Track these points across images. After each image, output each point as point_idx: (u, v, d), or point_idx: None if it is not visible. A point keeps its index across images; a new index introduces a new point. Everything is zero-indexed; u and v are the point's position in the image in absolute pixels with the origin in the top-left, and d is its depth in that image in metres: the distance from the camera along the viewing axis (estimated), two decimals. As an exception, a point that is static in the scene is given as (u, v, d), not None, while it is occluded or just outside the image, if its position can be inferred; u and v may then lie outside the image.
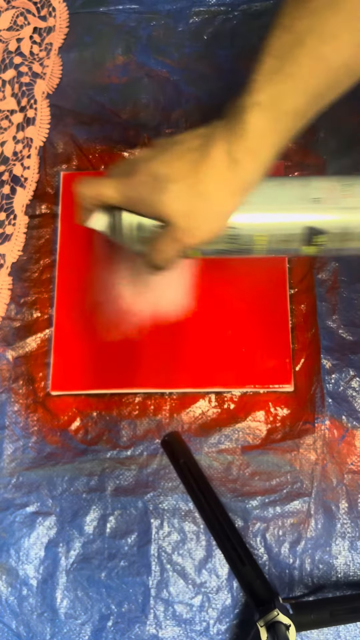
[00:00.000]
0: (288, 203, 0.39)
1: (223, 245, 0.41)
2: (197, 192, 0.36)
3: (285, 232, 0.40)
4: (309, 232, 0.39)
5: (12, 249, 0.59)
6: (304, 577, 0.50)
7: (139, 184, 0.38)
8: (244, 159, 0.35)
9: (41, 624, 0.51)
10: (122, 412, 0.55)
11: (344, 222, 0.39)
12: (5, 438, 0.55)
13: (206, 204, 0.37)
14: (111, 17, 0.64)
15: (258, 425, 0.53)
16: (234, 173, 0.36)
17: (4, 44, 0.65)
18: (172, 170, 0.37)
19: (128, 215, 0.40)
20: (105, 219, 0.42)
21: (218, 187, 0.36)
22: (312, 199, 0.39)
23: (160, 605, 0.50)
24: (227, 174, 0.36)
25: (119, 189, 0.39)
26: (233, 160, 0.35)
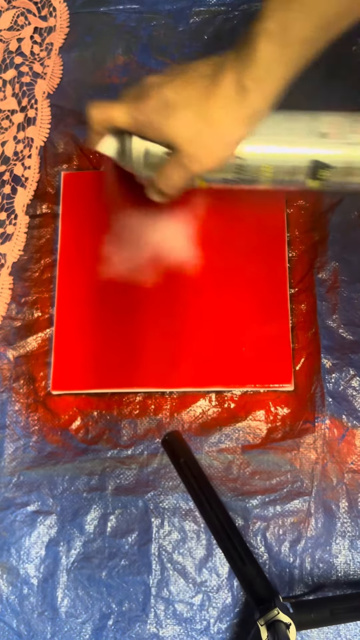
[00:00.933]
0: (296, 136, 0.40)
1: (229, 174, 0.42)
2: (205, 119, 0.37)
3: (291, 164, 0.40)
4: (314, 165, 0.40)
5: (13, 248, 0.59)
6: (304, 576, 0.50)
7: (149, 108, 0.38)
8: (253, 87, 0.35)
9: (42, 622, 0.51)
10: (123, 412, 0.55)
11: (349, 157, 0.40)
12: (6, 437, 0.55)
13: (214, 131, 0.37)
14: (112, 17, 0.64)
15: (258, 424, 0.53)
16: (242, 101, 0.36)
17: (5, 44, 0.65)
18: (182, 96, 0.37)
19: (137, 140, 0.41)
20: (114, 144, 0.42)
21: (226, 115, 0.37)
22: (319, 133, 0.40)
23: (160, 604, 0.51)
24: (235, 101, 0.36)
25: (129, 113, 0.39)
26: (242, 88, 0.36)
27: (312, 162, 0.40)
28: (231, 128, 0.37)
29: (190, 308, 0.55)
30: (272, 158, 0.40)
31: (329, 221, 0.56)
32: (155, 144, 0.40)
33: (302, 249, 0.56)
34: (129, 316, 0.56)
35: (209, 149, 0.38)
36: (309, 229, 0.56)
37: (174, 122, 0.37)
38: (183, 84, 0.38)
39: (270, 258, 0.55)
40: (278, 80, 0.35)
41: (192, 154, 0.38)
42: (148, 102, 0.38)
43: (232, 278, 0.55)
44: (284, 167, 0.41)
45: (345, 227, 0.56)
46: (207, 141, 0.38)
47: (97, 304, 0.57)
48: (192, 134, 0.37)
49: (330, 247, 0.55)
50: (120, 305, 0.56)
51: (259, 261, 0.55)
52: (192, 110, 0.37)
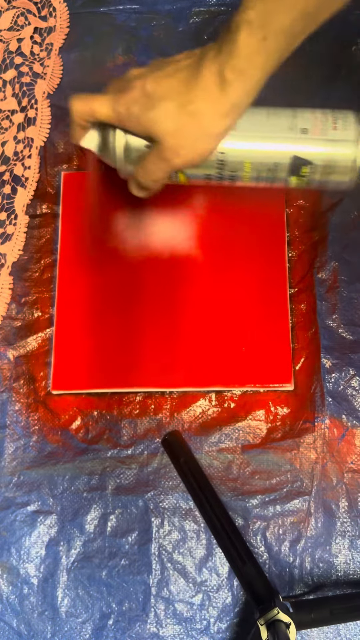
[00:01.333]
0: (277, 132, 0.40)
1: (211, 170, 0.42)
2: (186, 111, 0.37)
3: (273, 161, 0.41)
4: (295, 162, 0.40)
5: (13, 248, 0.60)
6: (304, 575, 0.50)
7: (130, 100, 0.38)
8: (234, 78, 0.35)
9: (42, 622, 0.51)
10: (123, 411, 0.55)
11: (329, 154, 0.40)
12: (6, 437, 0.55)
13: (195, 123, 0.37)
14: (112, 17, 0.64)
15: (258, 424, 0.53)
16: (223, 93, 0.36)
17: (5, 44, 0.65)
18: (163, 88, 0.37)
19: (119, 134, 0.41)
20: (97, 138, 0.42)
21: (207, 107, 0.36)
22: (300, 129, 0.40)
23: (160, 604, 0.51)
24: (217, 94, 0.36)
25: (111, 105, 0.39)
26: (223, 80, 0.35)
27: (292, 159, 0.40)
28: (212, 120, 0.37)
29: (190, 308, 0.55)
30: (253, 154, 0.41)
31: (329, 221, 0.56)
32: (137, 138, 0.40)
33: (302, 249, 0.56)
34: (129, 316, 0.56)
35: (190, 142, 0.38)
36: (309, 228, 0.57)
37: (154, 114, 0.37)
38: (165, 76, 0.37)
39: (270, 258, 0.55)
40: (259, 71, 0.35)
41: (173, 146, 0.38)
42: (129, 93, 0.38)
43: (232, 278, 0.55)
44: (266, 163, 0.41)
45: (345, 227, 0.56)
46: (189, 133, 0.37)
47: (97, 304, 0.57)
48: (173, 126, 0.37)
49: (330, 247, 0.55)
50: (120, 305, 0.56)
51: (259, 261, 0.55)
52: (173, 101, 0.37)
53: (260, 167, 0.41)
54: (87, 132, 0.42)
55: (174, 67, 0.38)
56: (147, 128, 0.38)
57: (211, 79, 0.36)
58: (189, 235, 0.57)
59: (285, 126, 0.40)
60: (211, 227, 0.57)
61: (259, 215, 0.56)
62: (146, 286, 0.56)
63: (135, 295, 0.56)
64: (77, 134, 0.43)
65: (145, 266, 0.57)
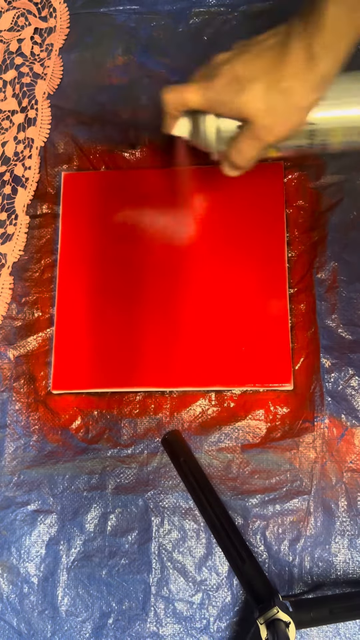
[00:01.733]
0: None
1: (302, 140, 0.43)
2: (277, 89, 0.37)
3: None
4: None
5: (14, 248, 0.60)
6: (303, 574, 0.50)
7: (220, 86, 0.39)
8: (322, 53, 0.36)
9: (42, 621, 0.51)
10: (123, 411, 0.55)
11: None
12: (7, 437, 0.55)
13: (286, 99, 0.38)
14: (111, 18, 0.64)
15: (258, 423, 0.53)
16: (312, 68, 0.37)
17: (5, 45, 0.65)
18: (252, 69, 0.38)
19: (211, 118, 0.42)
20: (188, 124, 0.44)
21: (298, 83, 0.37)
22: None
23: (160, 603, 0.51)
24: (306, 69, 0.37)
25: (201, 93, 0.40)
26: (311, 55, 0.36)
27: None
28: (303, 95, 0.38)
29: (190, 307, 0.55)
30: (343, 120, 0.41)
31: (328, 221, 0.56)
32: (228, 120, 0.41)
33: (302, 249, 0.56)
34: (129, 316, 0.56)
35: (282, 118, 0.39)
36: (309, 229, 0.57)
37: (246, 96, 0.38)
38: (252, 58, 0.38)
39: (270, 258, 0.55)
40: (346, 43, 0.36)
41: (266, 124, 0.39)
42: (219, 79, 0.39)
43: (231, 278, 0.56)
44: (355, 128, 0.42)
45: (345, 227, 0.56)
46: (280, 110, 0.38)
47: (97, 303, 0.57)
48: (265, 105, 0.38)
49: (329, 247, 0.56)
50: (120, 305, 0.56)
51: (259, 261, 0.56)
52: (263, 82, 0.38)
53: (352, 132, 0.42)
54: (178, 121, 0.44)
55: (260, 47, 0.39)
56: (239, 110, 0.39)
57: (300, 54, 0.37)
58: (189, 236, 0.57)
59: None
60: (211, 227, 0.57)
61: (258, 216, 0.56)
62: (146, 286, 0.56)
63: (135, 295, 0.56)
64: (169, 124, 0.44)
65: (145, 266, 0.57)
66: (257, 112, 0.38)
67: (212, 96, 0.40)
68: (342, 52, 0.36)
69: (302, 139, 0.43)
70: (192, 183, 0.58)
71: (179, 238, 0.57)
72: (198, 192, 0.58)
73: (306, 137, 0.42)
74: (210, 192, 0.58)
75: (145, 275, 0.57)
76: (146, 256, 0.57)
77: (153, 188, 0.59)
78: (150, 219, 0.58)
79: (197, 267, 0.56)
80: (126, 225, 0.58)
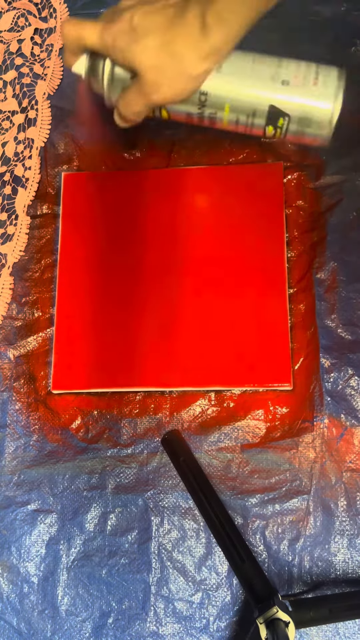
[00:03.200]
0: (259, 79, 0.42)
1: (192, 108, 0.43)
2: (168, 50, 0.38)
3: (251, 107, 0.42)
4: (272, 111, 0.42)
5: (14, 249, 0.60)
6: (303, 574, 0.50)
7: (117, 31, 0.39)
8: (214, 24, 0.37)
9: (42, 621, 0.51)
10: (123, 411, 0.55)
11: (305, 107, 0.41)
12: (7, 436, 0.55)
13: (175, 62, 0.38)
14: (112, 19, 0.64)
15: (257, 423, 0.53)
16: (203, 37, 0.37)
17: (5, 45, 0.66)
18: (149, 23, 0.38)
19: (108, 63, 0.42)
20: (86, 64, 0.44)
21: (188, 49, 0.38)
22: (282, 80, 0.41)
23: (160, 603, 0.51)
24: (197, 36, 0.37)
25: (99, 34, 0.40)
26: (204, 24, 0.37)
27: (270, 108, 0.42)
28: (192, 62, 0.38)
29: (190, 308, 0.55)
30: (234, 97, 0.42)
31: (328, 222, 0.56)
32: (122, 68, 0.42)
33: (301, 249, 0.56)
34: (128, 316, 0.56)
35: (169, 80, 0.39)
36: (308, 229, 0.57)
37: (138, 48, 0.38)
38: (153, 11, 0.39)
39: (269, 258, 0.56)
40: (239, 19, 0.37)
41: (152, 82, 0.39)
42: (117, 24, 0.39)
43: (231, 278, 0.56)
44: (244, 108, 0.42)
45: (344, 228, 0.56)
46: (168, 72, 0.39)
47: (97, 303, 0.57)
48: (154, 61, 0.38)
49: (328, 248, 0.56)
50: (120, 305, 0.56)
51: (258, 261, 0.56)
52: (156, 38, 0.38)
53: (239, 111, 0.43)
54: (80, 59, 0.44)
55: (163, 3, 0.39)
56: (130, 60, 0.39)
57: (194, 21, 0.37)
58: (189, 236, 0.57)
59: (267, 75, 0.42)
60: (211, 227, 0.57)
61: (258, 216, 0.57)
62: (146, 286, 0.56)
63: (135, 295, 0.56)
64: (68, 59, 0.44)
65: (145, 266, 0.57)
66: (146, 66, 0.39)
67: (107, 39, 0.40)
68: (235, 28, 0.37)
69: (193, 107, 0.43)
70: (191, 183, 0.58)
71: (179, 238, 0.57)
72: (198, 192, 0.58)
73: (196, 105, 0.43)
74: (210, 192, 0.58)
75: (145, 275, 0.57)
76: (146, 256, 0.57)
77: (153, 188, 0.59)
78: (150, 219, 0.58)
79: (196, 267, 0.56)
80: (126, 225, 0.58)
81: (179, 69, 0.39)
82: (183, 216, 0.58)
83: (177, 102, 0.41)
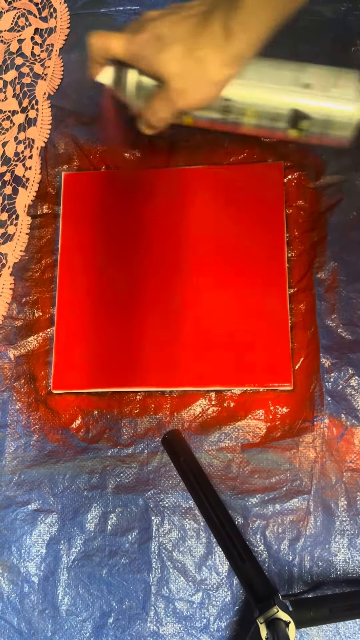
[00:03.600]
0: (280, 83, 0.43)
1: (215, 113, 0.44)
2: (193, 56, 0.39)
3: (274, 111, 0.43)
4: (295, 114, 0.43)
5: (14, 248, 0.60)
6: (303, 574, 0.50)
7: (143, 41, 0.40)
8: (238, 30, 0.37)
9: (42, 620, 0.51)
10: (123, 411, 0.55)
11: (327, 110, 0.43)
12: (7, 436, 0.55)
13: (200, 69, 0.39)
14: (112, 18, 0.64)
15: (258, 423, 0.53)
16: (228, 43, 0.38)
17: (6, 45, 0.66)
18: (174, 31, 0.39)
19: (132, 72, 0.43)
20: (112, 74, 0.45)
21: (212, 55, 0.39)
22: (303, 83, 0.42)
23: (160, 602, 0.51)
24: (221, 43, 0.38)
25: (125, 44, 0.41)
26: (228, 31, 0.37)
27: (292, 111, 0.43)
28: (216, 68, 0.39)
29: (190, 307, 0.55)
30: (256, 102, 0.43)
31: (328, 221, 0.56)
32: (147, 77, 0.43)
33: (301, 249, 0.56)
34: (129, 316, 0.56)
35: (195, 87, 0.40)
36: (308, 229, 0.57)
37: (163, 56, 0.39)
38: (177, 20, 0.40)
39: (270, 258, 0.56)
40: (262, 26, 0.37)
41: (178, 88, 0.40)
42: (142, 34, 0.40)
43: (231, 278, 0.56)
44: (267, 112, 0.43)
45: (344, 228, 0.56)
46: (194, 78, 0.40)
47: (98, 303, 0.57)
48: (179, 69, 0.39)
49: (329, 247, 0.56)
50: (121, 305, 0.56)
51: (259, 261, 0.56)
52: (182, 46, 0.39)
53: (262, 115, 0.44)
54: (104, 69, 0.45)
55: (187, 13, 0.40)
56: (156, 69, 0.40)
57: (218, 28, 0.38)
58: (189, 236, 0.57)
59: (289, 79, 0.43)
60: (211, 227, 0.57)
61: (258, 216, 0.57)
62: (146, 286, 0.56)
63: (136, 295, 0.56)
64: (94, 70, 0.45)
65: (145, 266, 0.57)
66: (172, 74, 0.40)
67: (134, 49, 0.41)
68: (258, 34, 0.38)
69: (216, 113, 0.44)
70: (191, 183, 0.58)
71: (179, 238, 0.57)
72: (198, 192, 0.58)
73: (220, 111, 0.44)
74: (210, 192, 0.58)
75: (145, 275, 0.57)
76: (146, 255, 0.57)
77: (153, 188, 0.59)
78: (150, 219, 0.58)
79: (197, 267, 0.56)
80: (126, 225, 0.58)
81: (203, 76, 0.40)
82: (183, 216, 0.58)
83: (201, 107, 0.43)
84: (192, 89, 0.40)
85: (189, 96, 0.41)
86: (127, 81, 0.44)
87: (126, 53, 0.42)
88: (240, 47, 0.38)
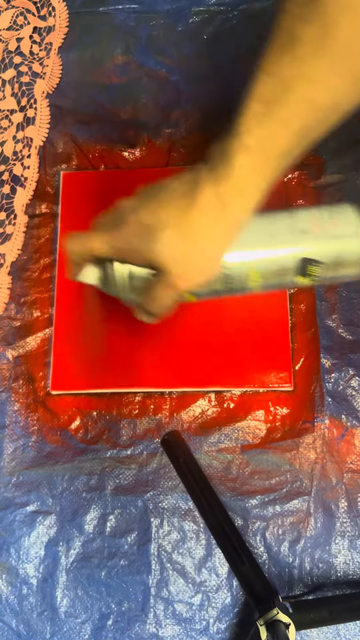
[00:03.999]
0: (278, 237, 0.39)
1: (218, 286, 0.41)
2: (188, 238, 0.36)
3: (278, 266, 0.39)
4: (302, 263, 0.39)
5: (12, 248, 0.59)
6: (303, 576, 0.50)
7: (128, 235, 0.37)
8: (232, 199, 0.35)
9: (41, 622, 0.51)
10: (122, 412, 0.55)
11: (335, 250, 0.39)
12: (6, 437, 0.55)
13: (198, 247, 0.37)
14: (111, 17, 0.64)
15: (258, 424, 0.53)
16: (223, 215, 0.36)
17: (4, 44, 0.65)
18: (160, 218, 0.36)
19: (120, 266, 0.40)
20: (96, 272, 0.41)
21: (209, 231, 0.36)
22: (300, 229, 0.39)
23: (160, 604, 0.51)
24: (216, 216, 0.36)
25: (108, 242, 0.38)
26: (221, 202, 0.35)
27: (298, 260, 0.39)
28: (216, 242, 0.37)
29: (190, 308, 0.55)
30: (258, 263, 0.40)
31: (328, 221, 0.56)
32: (139, 267, 0.39)
33: (302, 249, 0.56)
34: (128, 316, 0.56)
35: (195, 266, 0.38)
36: (308, 228, 0.56)
37: (156, 245, 0.36)
38: (159, 206, 0.37)
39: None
40: (257, 190, 0.35)
41: (179, 273, 0.37)
42: (126, 228, 0.37)
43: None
44: (272, 270, 0.40)
45: (345, 227, 0.56)
46: (193, 258, 0.37)
47: (97, 304, 0.57)
48: (177, 254, 0.37)
49: (329, 247, 0.55)
50: (120, 305, 0.56)
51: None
52: (173, 230, 0.36)
53: (268, 275, 0.40)
54: (85, 268, 0.41)
55: (168, 195, 0.37)
56: (149, 259, 0.37)
57: (209, 202, 0.35)
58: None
59: (284, 229, 0.39)
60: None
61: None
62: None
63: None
64: (74, 271, 0.42)
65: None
66: (169, 260, 0.37)
67: (120, 245, 0.38)
68: (255, 197, 0.36)
69: (219, 284, 0.40)
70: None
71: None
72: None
73: (222, 282, 0.40)
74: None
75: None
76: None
77: (152, 188, 0.59)
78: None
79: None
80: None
81: (203, 253, 0.37)
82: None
83: (204, 284, 0.39)
84: (194, 269, 0.37)
85: (191, 277, 0.38)
86: (116, 275, 0.40)
87: (112, 251, 0.38)
88: (237, 215, 0.36)
